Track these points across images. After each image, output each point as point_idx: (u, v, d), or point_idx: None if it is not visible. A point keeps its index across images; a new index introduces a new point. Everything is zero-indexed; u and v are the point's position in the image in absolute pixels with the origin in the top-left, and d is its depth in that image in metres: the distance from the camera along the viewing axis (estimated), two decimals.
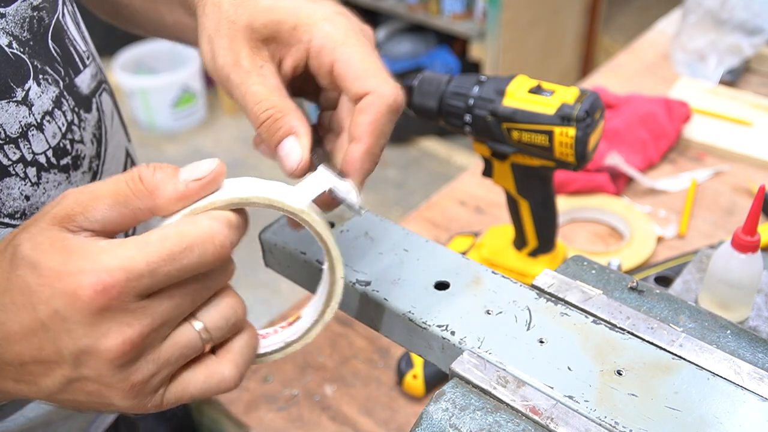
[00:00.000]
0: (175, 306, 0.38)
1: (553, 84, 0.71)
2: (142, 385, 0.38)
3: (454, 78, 0.74)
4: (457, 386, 0.43)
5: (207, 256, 0.37)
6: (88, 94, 0.61)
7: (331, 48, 0.46)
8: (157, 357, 0.38)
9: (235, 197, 0.39)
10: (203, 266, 0.37)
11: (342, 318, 0.86)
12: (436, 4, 2.66)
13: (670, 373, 0.42)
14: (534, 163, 0.74)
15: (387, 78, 0.46)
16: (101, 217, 0.37)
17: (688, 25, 1.28)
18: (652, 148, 1.08)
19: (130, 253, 0.36)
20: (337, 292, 0.44)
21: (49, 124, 0.55)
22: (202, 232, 0.37)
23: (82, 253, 0.36)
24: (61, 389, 0.39)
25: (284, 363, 0.82)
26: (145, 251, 0.36)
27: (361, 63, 0.46)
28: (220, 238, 0.37)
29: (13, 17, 0.53)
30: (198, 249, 0.37)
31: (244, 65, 0.46)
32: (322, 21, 0.47)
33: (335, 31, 0.47)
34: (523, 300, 0.48)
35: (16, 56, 0.53)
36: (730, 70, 1.25)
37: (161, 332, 0.38)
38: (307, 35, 0.47)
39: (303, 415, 0.76)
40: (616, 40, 2.80)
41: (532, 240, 0.82)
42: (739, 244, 0.58)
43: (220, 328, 0.40)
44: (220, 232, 0.37)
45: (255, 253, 0.59)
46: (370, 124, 0.45)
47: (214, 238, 0.37)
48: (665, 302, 0.48)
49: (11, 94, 0.52)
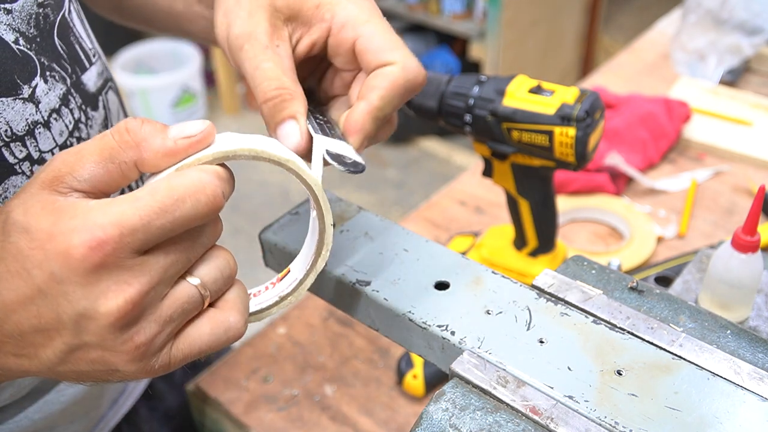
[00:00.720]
0: (172, 262, 0.37)
1: (553, 84, 0.71)
2: (147, 346, 0.37)
3: (454, 78, 0.74)
4: (457, 386, 0.43)
5: (200, 207, 0.37)
6: (95, 92, 0.61)
7: (353, 24, 0.47)
8: (159, 315, 0.37)
9: (222, 150, 0.39)
10: (197, 218, 0.37)
11: (342, 318, 0.86)
12: (436, 4, 2.66)
13: (670, 373, 0.42)
14: (534, 163, 0.74)
15: (411, 55, 0.46)
16: (89, 175, 0.37)
17: (688, 25, 1.28)
18: (652, 148, 1.08)
19: (122, 209, 0.35)
20: (327, 240, 0.44)
21: (56, 122, 0.55)
22: (193, 183, 0.37)
23: (73, 213, 0.36)
24: (63, 359, 0.38)
25: (284, 363, 0.82)
26: (137, 205, 0.36)
27: (385, 38, 0.46)
28: (212, 188, 0.37)
29: (19, 13, 0.53)
30: (190, 200, 0.36)
31: (261, 39, 0.46)
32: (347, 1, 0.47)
33: (358, 10, 0.47)
34: (523, 300, 0.48)
35: (22, 53, 0.52)
36: (730, 70, 1.25)
37: (159, 290, 0.37)
38: (330, 13, 0.47)
39: (303, 415, 0.76)
40: (616, 40, 2.80)
41: (532, 240, 0.82)
42: (739, 244, 0.58)
43: (216, 281, 0.40)
44: (210, 182, 0.37)
45: (255, 253, 0.59)
46: (384, 88, 0.45)
47: (206, 188, 0.37)
48: (665, 302, 0.48)
49: (18, 91, 0.52)
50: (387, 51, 0.46)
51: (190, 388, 0.80)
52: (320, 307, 0.88)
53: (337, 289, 0.52)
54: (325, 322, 0.86)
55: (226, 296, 0.41)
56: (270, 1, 0.47)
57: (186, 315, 0.39)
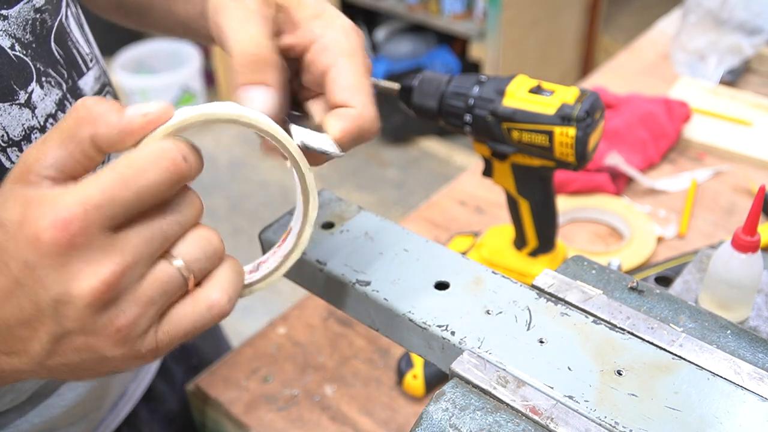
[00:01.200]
0: (146, 240, 0.37)
1: (553, 84, 0.71)
2: (129, 329, 0.37)
3: (454, 78, 0.74)
4: (457, 386, 0.43)
5: (164, 174, 0.36)
6: (93, 94, 0.61)
7: (335, 52, 0.46)
8: (138, 297, 0.37)
9: (186, 117, 0.38)
10: (162, 186, 0.36)
11: (342, 318, 0.86)
12: (436, 4, 2.66)
13: (670, 373, 0.42)
14: (534, 163, 0.74)
15: (372, 104, 0.46)
16: (53, 159, 0.36)
17: (688, 25, 1.28)
18: (652, 148, 1.08)
19: (84, 187, 0.35)
20: (311, 186, 0.44)
21: (53, 127, 0.55)
22: (152, 152, 0.36)
23: (41, 200, 0.35)
24: (51, 351, 0.38)
25: (284, 363, 0.82)
26: (99, 181, 0.35)
27: (356, 79, 0.46)
28: (172, 154, 0.36)
29: (15, 19, 0.53)
30: (152, 169, 0.36)
31: (249, 4, 0.45)
32: (341, 28, 0.47)
33: (346, 43, 0.47)
34: (523, 300, 0.48)
35: (18, 59, 0.52)
36: (730, 70, 1.25)
37: (137, 270, 0.36)
38: (321, 29, 0.47)
39: (303, 415, 0.76)
40: (616, 40, 2.80)
41: (532, 240, 0.82)
42: (739, 244, 0.58)
43: (198, 259, 0.39)
44: (170, 149, 0.37)
45: (255, 253, 0.59)
46: (341, 129, 0.45)
47: (165, 154, 0.36)
48: (665, 302, 0.48)
49: (14, 97, 0.52)
50: (352, 92, 0.45)
51: (190, 388, 0.80)
52: (320, 307, 0.88)
53: (337, 289, 0.52)
54: (325, 322, 0.86)
55: (212, 274, 0.40)
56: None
57: (168, 296, 0.38)
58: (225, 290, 0.40)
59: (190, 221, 0.39)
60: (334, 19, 0.48)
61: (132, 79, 2.96)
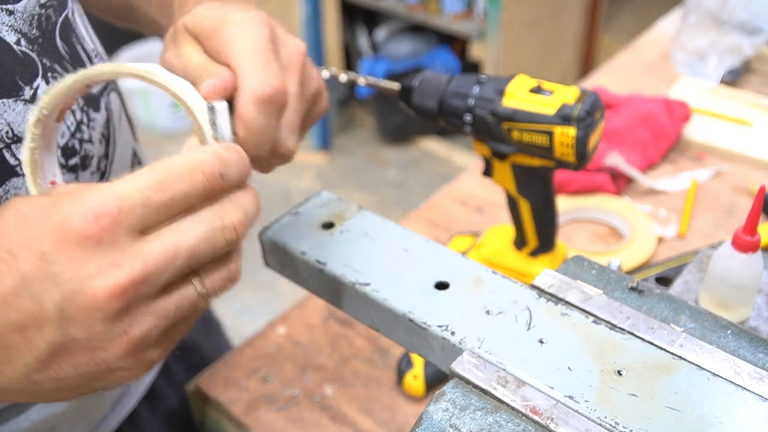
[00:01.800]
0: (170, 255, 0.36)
1: (553, 84, 0.71)
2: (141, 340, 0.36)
3: (454, 78, 0.74)
4: (457, 386, 0.43)
5: (197, 184, 0.36)
6: (97, 93, 0.61)
7: (234, 37, 0.46)
8: (156, 310, 0.36)
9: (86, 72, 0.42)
10: (194, 195, 0.37)
11: (342, 318, 0.86)
12: (436, 4, 2.66)
13: (670, 373, 0.42)
14: (534, 163, 0.74)
15: (273, 71, 0.45)
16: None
17: (688, 25, 1.28)
18: (652, 148, 1.08)
19: (122, 185, 0.35)
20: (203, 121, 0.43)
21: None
22: (189, 161, 0.37)
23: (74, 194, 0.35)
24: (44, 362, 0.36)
25: (284, 363, 0.82)
26: (137, 181, 0.35)
27: (247, 43, 0.45)
28: (209, 167, 0.37)
29: (21, 14, 0.53)
30: (188, 177, 0.36)
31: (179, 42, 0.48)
32: (244, 21, 0.46)
33: (246, 26, 0.46)
34: (524, 300, 0.48)
35: (24, 54, 0.52)
36: (731, 70, 1.25)
37: (156, 281, 0.35)
38: (228, 29, 0.47)
39: (303, 415, 0.76)
40: (617, 40, 2.80)
41: (532, 240, 0.82)
42: (739, 244, 0.58)
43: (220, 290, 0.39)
44: (208, 162, 0.37)
45: (255, 253, 0.59)
46: (210, 87, 0.44)
47: (203, 166, 0.37)
48: (665, 302, 0.48)
49: (19, 93, 0.52)
50: (243, 56, 0.45)
51: (190, 388, 0.80)
52: (320, 307, 0.88)
53: (337, 290, 0.52)
54: (325, 322, 0.86)
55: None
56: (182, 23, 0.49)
57: (183, 316, 0.38)
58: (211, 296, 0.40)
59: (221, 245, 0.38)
60: (237, 18, 0.47)
61: (132, 79, 2.95)
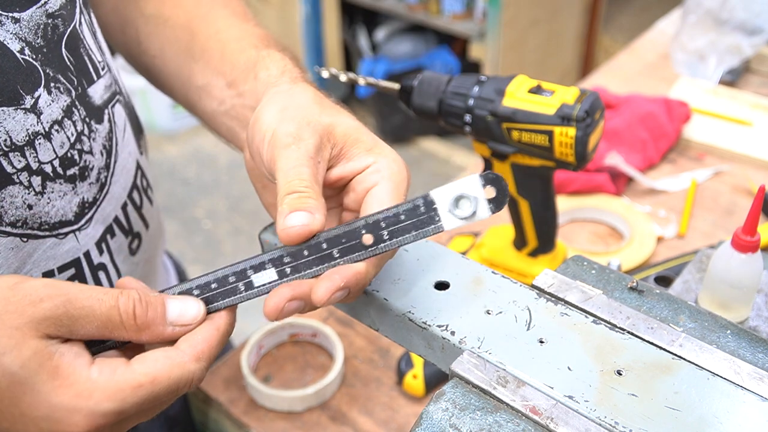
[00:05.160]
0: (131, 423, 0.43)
1: (553, 84, 0.72)
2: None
3: (454, 78, 0.74)
4: (457, 386, 0.43)
5: (180, 393, 0.43)
6: (101, 104, 0.60)
7: (384, 176, 0.47)
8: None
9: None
10: (174, 399, 0.43)
11: (342, 318, 0.86)
12: (436, 4, 2.66)
13: (670, 373, 0.42)
14: (534, 163, 0.74)
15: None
16: (84, 333, 0.41)
17: (688, 25, 1.28)
18: (652, 148, 1.08)
19: (124, 395, 0.40)
20: None
21: (58, 134, 0.54)
22: (185, 379, 0.42)
23: (75, 384, 0.40)
24: None
25: (284, 363, 0.82)
26: (138, 394, 0.40)
27: (392, 202, 0.46)
28: (197, 380, 0.43)
29: (27, 23, 0.52)
30: (181, 390, 0.42)
31: (308, 149, 0.46)
32: (392, 156, 0.48)
33: (396, 170, 0.48)
34: (523, 300, 0.48)
35: (27, 63, 0.52)
36: (730, 70, 1.25)
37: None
38: (374, 157, 0.48)
39: (303, 415, 0.76)
40: (616, 40, 2.80)
41: (532, 240, 0.82)
42: (739, 244, 0.58)
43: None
44: (199, 376, 0.43)
45: (255, 253, 0.59)
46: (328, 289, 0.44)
47: (193, 382, 0.43)
48: (665, 302, 0.48)
49: (20, 102, 0.51)
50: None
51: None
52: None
53: None
54: (325, 322, 0.86)
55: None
56: (329, 123, 0.48)
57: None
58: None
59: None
60: (386, 150, 0.49)
61: (132, 80, 2.94)
